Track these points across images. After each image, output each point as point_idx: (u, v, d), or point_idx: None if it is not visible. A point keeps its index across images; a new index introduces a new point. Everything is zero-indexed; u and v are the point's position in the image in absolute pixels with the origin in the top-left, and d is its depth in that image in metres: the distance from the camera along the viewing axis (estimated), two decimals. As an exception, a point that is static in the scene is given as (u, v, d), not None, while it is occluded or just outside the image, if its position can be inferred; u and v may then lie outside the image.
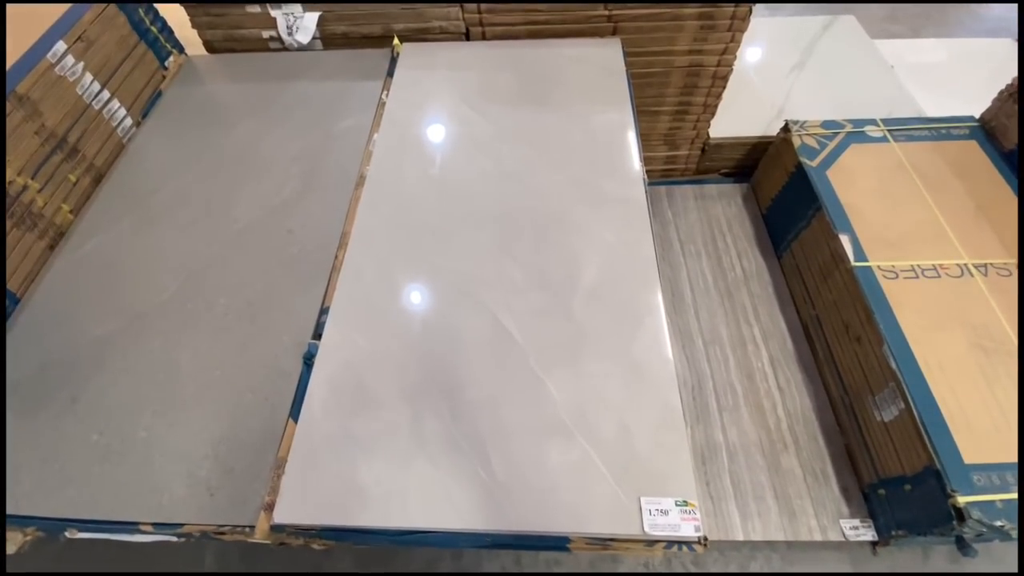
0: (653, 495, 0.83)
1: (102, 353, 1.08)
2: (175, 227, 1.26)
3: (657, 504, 0.83)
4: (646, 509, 0.82)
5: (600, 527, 0.82)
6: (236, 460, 0.93)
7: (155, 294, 1.15)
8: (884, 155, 1.70)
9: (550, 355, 0.97)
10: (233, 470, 0.92)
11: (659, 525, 0.81)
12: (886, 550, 1.38)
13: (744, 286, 1.76)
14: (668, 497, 0.83)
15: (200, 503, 0.90)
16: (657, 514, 0.82)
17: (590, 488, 0.85)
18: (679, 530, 0.81)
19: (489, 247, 1.12)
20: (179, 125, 1.54)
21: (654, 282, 1.03)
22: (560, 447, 0.88)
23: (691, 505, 0.83)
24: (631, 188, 1.16)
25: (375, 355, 1.00)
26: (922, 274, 1.45)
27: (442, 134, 1.33)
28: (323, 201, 1.26)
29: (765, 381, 1.58)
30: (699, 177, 2.02)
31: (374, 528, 0.85)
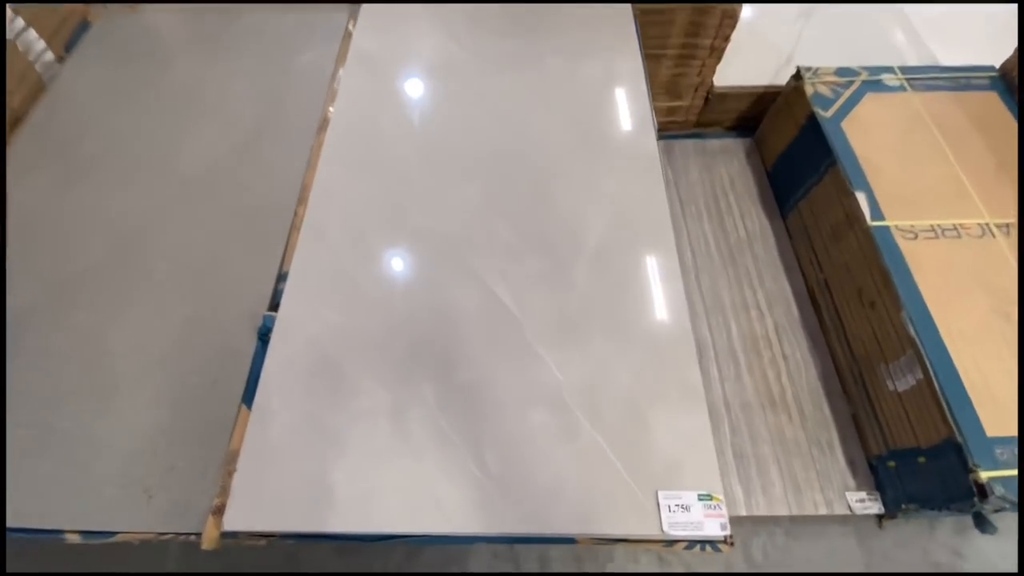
0: (672, 488, 0.71)
1: (17, 330, 0.89)
2: (105, 180, 1.05)
3: (677, 499, 0.70)
4: (664, 505, 0.70)
5: (611, 527, 0.69)
6: (178, 455, 0.77)
7: (81, 259, 0.95)
8: (901, 106, 1.55)
9: (551, 329, 0.82)
10: (175, 467, 0.76)
11: (679, 523, 0.69)
12: (892, 523, 1.31)
13: (747, 249, 1.62)
14: (689, 491, 0.71)
15: (136, 507, 0.74)
16: (677, 510, 0.70)
17: (599, 482, 0.72)
18: (703, 528, 0.68)
19: (477, 203, 0.95)
20: (110, 61, 1.29)
21: (669, 244, 0.88)
22: (564, 435, 0.75)
23: (716, 499, 0.70)
24: (641, 135, 0.99)
25: (344, 330, 0.84)
26: (942, 234, 1.33)
27: (420, 70, 1.12)
28: (279, 149, 1.06)
29: (769, 349, 1.47)
30: (700, 131, 1.85)
31: (347, 533, 0.71)
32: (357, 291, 0.87)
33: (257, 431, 0.77)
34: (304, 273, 0.89)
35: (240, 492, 0.72)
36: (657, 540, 0.69)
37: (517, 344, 0.82)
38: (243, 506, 0.72)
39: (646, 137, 0.99)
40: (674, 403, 0.76)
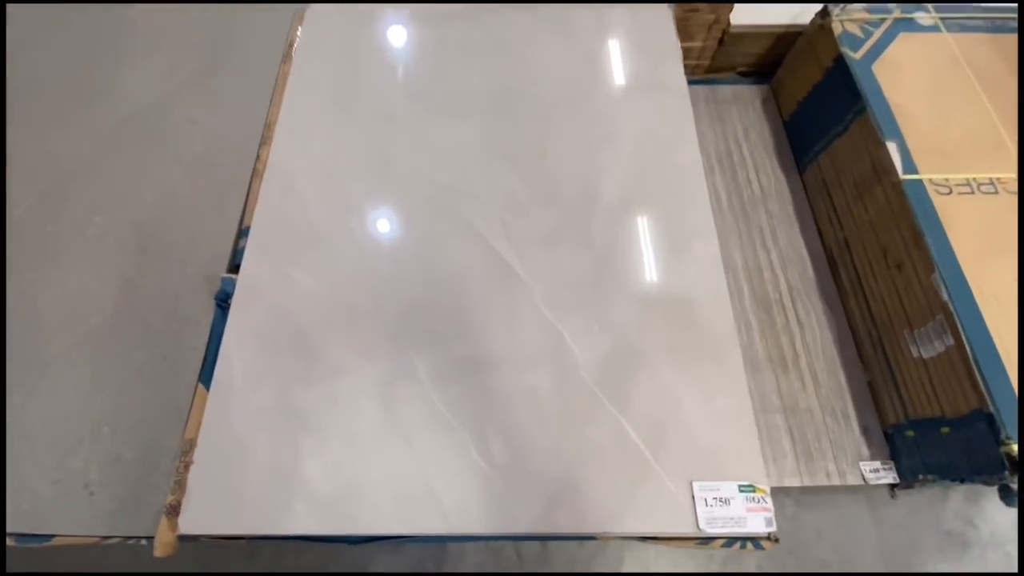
0: (709, 479, 0.60)
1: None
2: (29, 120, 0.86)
3: (715, 491, 0.60)
4: (700, 498, 0.59)
5: (640, 524, 0.59)
6: (125, 445, 0.64)
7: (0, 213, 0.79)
8: (936, 47, 1.40)
9: (564, 294, 0.69)
10: (120, 459, 0.64)
11: (718, 519, 0.58)
12: (904, 493, 1.25)
13: (761, 205, 1.50)
14: (729, 481, 0.60)
15: (75, 506, 0.62)
16: (715, 504, 0.59)
17: (625, 472, 0.61)
18: (745, 524, 0.58)
19: (475, 145, 0.79)
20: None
21: (701, 193, 0.75)
22: (581, 418, 0.63)
23: (760, 491, 0.60)
24: (667, 67, 0.84)
25: (318, 296, 0.70)
26: (978, 189, 1.21)
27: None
28: (237, 80, 0.88)
29: (783, 313, 1.37)
30: (711, 77, 1.68)
31: (327, 535, 0.60)
32: (333, 249, 0.73)
33: (217, 415, 0.63)
34: (269, 228, 0.74)
35: (198, 488, 0.60)
36: (691, 538, 0.59)
37: (524, 312, 0.69)
38: (202, 505, 0.59)
39: (672, 67, 0.83)
40: (710, 379, 0.65)
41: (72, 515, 0.61)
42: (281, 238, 0.73)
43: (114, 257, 0.75)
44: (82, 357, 0.69)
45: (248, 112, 0.84)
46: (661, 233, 0.73)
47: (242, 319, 0.68)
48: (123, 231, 0.77)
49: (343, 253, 0.73)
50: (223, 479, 0.61)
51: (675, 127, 0.79)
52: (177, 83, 0.89)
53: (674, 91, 0.81)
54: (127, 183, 0.80)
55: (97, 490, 0.62)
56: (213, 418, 0.63)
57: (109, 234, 0.76)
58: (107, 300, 0.72)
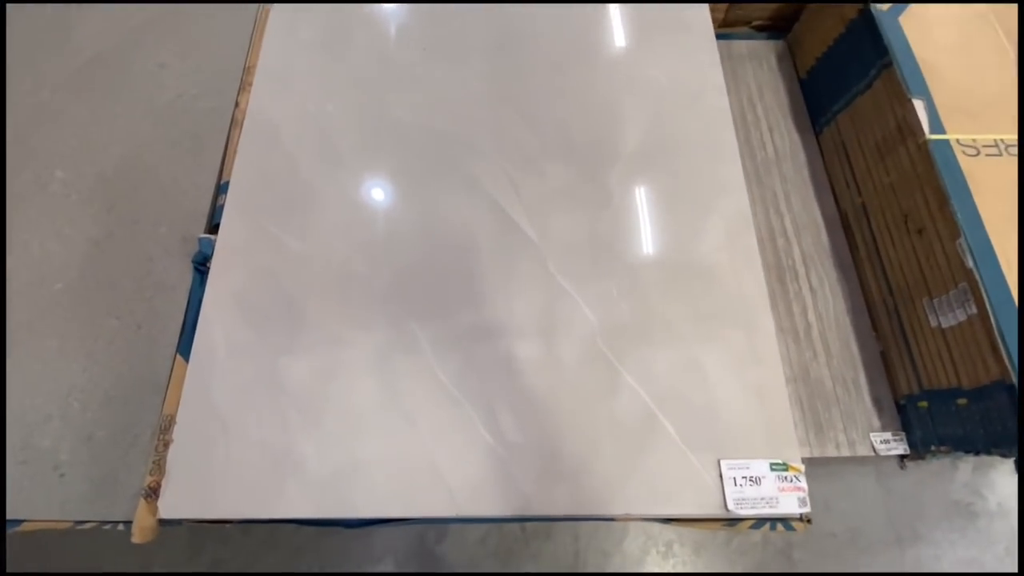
0: (738, 456, 0.55)
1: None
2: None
3: (744, 469, 0.55)
4: (729, 476, 0.54)
5: (663, 505, 0.54)
6: (97, 422, 0.58)
7: (-51, 165, 0.70)
8: (966, 0, 1.30)
9: (579, 257, 0.62)
10: (92, 437, 0.57)
11: (748, 499, 0.53)
12: (913, 464, 1.22)
13: (775, 168, 1.42)
14: (760, 459, 0.55)
15: (45, 488, 0.56)
16: (745, 484, 0.54)
17: (646, 448, 0.55)
18: (777, 505, 0.53)
19: (480, 91, 0.71)
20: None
21: (730, 145, 0.67)
22: (599, 390, 0.57)
23: (793, 469, 0.55)
24: (691, 5, 0.75)
25: (306, 258, 0.62)
26: (1006, 151, 1.14)
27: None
28: (211, 19, 0.78)
29: (795, 281, 1.31)
30: (725, 31, 1.57)
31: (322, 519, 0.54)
32: (322, 207, 0.65)
33: (198, 388, 0.57)
34: (251, 184, 0.66)
35: (179, 469, 0.54)
36: (719, 519, 0.54)
37: (536, 276, 0.62)
38: (184, 487, 0.54)
39: (696, 7, 0.74)
40: (739, 348, 0.58)
41: (42, 499, 0.55)
42: (264, 194, 0.65)
43: (79, 216, 0.66)
44: (47, 326, 0.61)
45: (224, 54, 0.75)
46: (686, 189, 0.65)
47: (223, 284, 0.61)
48: (88, 187, 0.68)
49: (333, 211, 0.65)
50: (206, 459, 0.55)
51: (699, 70, 0.70)
52: (144, 21, 0.79)
53: (699, 32, 0.73)
54: (91, 133, 0.71)
55: (68, 471, 0.56)
56: (194, 392, 0.57)
57: (73, 190, 0.68)
58: (73, 264, 0.64)
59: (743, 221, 0.63)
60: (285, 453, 0.55)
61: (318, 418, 0.56)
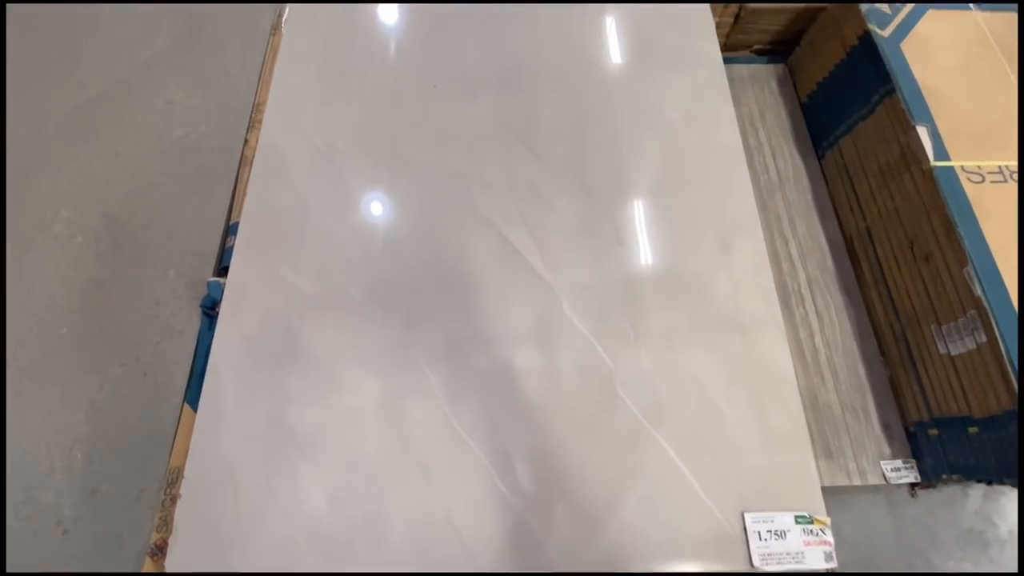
0: (762, 509, 0.54)
1: None
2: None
3: (769, 522, 0.53)
4: (753, 531, 0.53)
5: (686, 561, 0.52)
6: (102, 475, 0.56)
7: (-48, 204, 0.69)
8: (965, 25, 1.31)
9: (594, 299, 0.61)
10: (97, 492, 0.55)
11: (774, 554, 0.52)
12: (924, 492, 1.20)
13: (779, 192, 1.41)
14: (784, 511, 0.54)
15: (48, 545, 0.54)
16: (770, 537, 0.52)
17: (667, 500, 0.54)
18: (803, 560, 0.52)
19: (490, 127, 0.70)
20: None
21: (743, 182, 0.66)
22: (618, 440, 0.56)
23: (819, 522, 0.53)
24: (701, 39, 0.74)
25: (316, 300, 0.61)
26: (1011, 177, 1.14)
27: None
28: (220, 55, 0.77)
29: (802, 306, 1.30)
30: (726, 55, 1.58)
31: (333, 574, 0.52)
32: (332, 247, 0.64)
33: (206, 440, 0.55)
34: (260, 224, 0.64)
35: (187, 525, 0.52)
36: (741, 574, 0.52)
37: (550, 318, 0.60)
38: (191, 543, 0.52)
39: (706, 41, 0.74)
40: (760, 395, 0.57)
41: (44, 556, 0.53)
42: (274, 235, 0.64)
43: (84, 258, 0.65)
44: (51, 373, 0.60)
45: (233, 91, 0.74)
46: (701, 227, 0.64)
47: (231, 328, 0.59)
48: (94, 227, 0.67)
49: (343, 252, 0.64)
50: (215, 514, 0.53)
51: (710, 105, 0.70)
52: (151, 57, 0.78)
53: (709, 66, 0.72)
54: (97, 172, 0.70)
55: (72, 527, 0.54)
56: (201, 443, 0.55)
57: (78, 231, 0.66)
58: (77, 307, 0.63)
59: (759, 261, 0.62)
60: (293, 504, 0.53)
61: (329, 469, 0.54)
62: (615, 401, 0.57)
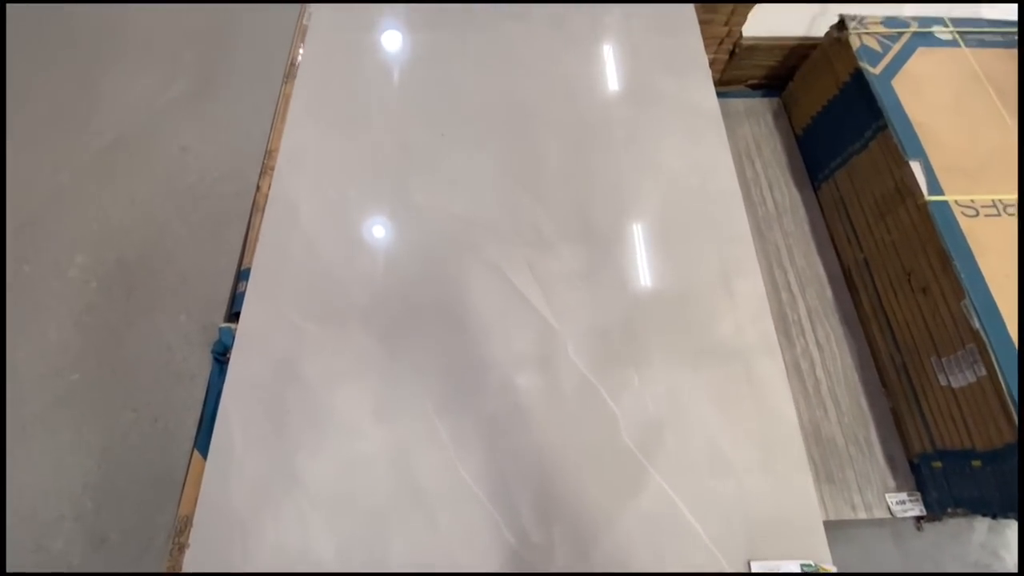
0: (768, 557, 0.54)
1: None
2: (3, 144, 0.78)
3: (774, 570, 0.53)
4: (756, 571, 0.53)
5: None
6: (111, 522, 0.56)
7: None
8: (955, 63, 1.35)
9: (599, 343, 0.62)
10: (106, 540, 0.56)
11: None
12: (930, 524, 1.19)
13: (776, 223, 1.44)
14: (790, 559, 0.54)
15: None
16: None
17: (672, 548, 0.54)
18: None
19: (495, 174, 0.72)
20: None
21: (742, 228, 0.68)
22: (625, 487, 0.56)
23: (824, 570, 0.54)
24: (697, 88, 0.77)
25: (326, 345, 0.62)
26: (1004, 211, 1.16)
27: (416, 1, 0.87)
28: (234, 102, 0.80)
29: (802, 336, 1.31)
30: (722, 89, 1.62)
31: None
32: (341, 293, 0.65)
33: (215, 488, 0.56)
34: (271, 269, 0.66)
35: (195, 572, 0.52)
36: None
37: (556, 364, 0.61)
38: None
39: (703, 89, 0.77)
40: (764, 441, 0.58)
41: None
42: (285, 281, 0.65)
43: (98, 302, 0.66)
44: (62, 419, 0.60)
45: (246, 138, 0.76)
46: (701, 272, 0.66)
47: (242, 375, 0.60)
48: (108, 272, 0.68)
49: (351, 296, 0.65)
50: (223, 563, 0.53)
51: (709, 152, 0.72)
52: (167, 104, 0.81)
53: (706, 114, 0.75)
54: (112, 217, 0.72)
55: (79, 575, 0.54)
56: (211, 492, 0.55)
57: (92, 276, 0.68)
58: (90, 352, 0.64)
59: (760, 305, 0.64)
60: (303, 556, 0.53)
61: (338, 518, 0.54)
62: (622, 449, 0.57)
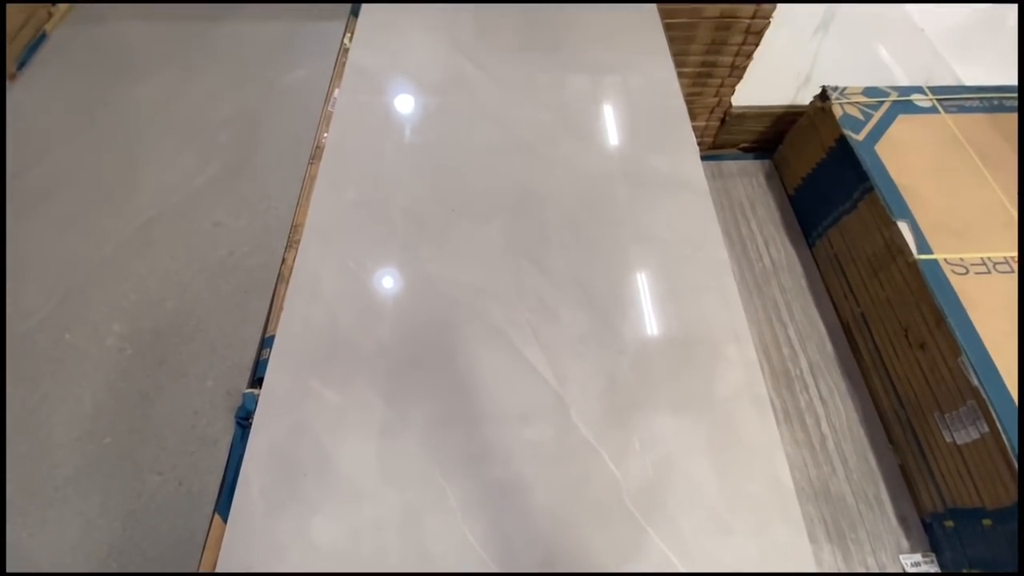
0: (768, 623, 0.55)
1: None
2: (51, 221, 0.85)
3: (776, 640, 0.54)
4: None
5: None
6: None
7: (16, 321, 0.75)
8: (935, 128, 1.43)
9: (601, 407, 0.66)
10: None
11: (784, 675, 0.52)
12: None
13: (774, 279, 1.48)
14: (790, 627, 0.55)
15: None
16: (779, 658, 0.53)
17: (674, 613, 0.55)
18: None
19: (501, 247, 0.78)
20: (68, 77, 1.10)
21: (732, 296, 0.72)
22: (628, 554, 0.58)
23: (826, 639, 0.54)
24: (686, 164, 0.83)
25: (343, 412, 0.66)
26: (994, 268, 1.20)
27: (428, 91, 0.96)
28: (264, 181, 0.88)
29: (806, 392, 1.32)
30: (716, 152, 1.72)
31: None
32: (358, 359, 0.70)
33: (234, 553, 0.58)
34: (294, 337, 0.71)
35: (210, 641, 0.54)
36: None
37: (560, 428, 0.65)
38: (214, 660, 0.53)
39: (691, 165, 0.83)
40: (761, 505, 0.60)
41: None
42: (306, 348, 0.70)
43: (132, 369, 0.71)
44: (93, 482, 0.64)
45: (274, 214, 0.83)
46: (695, 338, 0.70)
47: (263, 441, 0.64)
48: (143, 341, 0.73)
49: (369, 364, 0.70)
50: (238, 629, 0.55)
51: (699, 224, 0.78)
52: (203, 183, 0.89)
53: (696, 190, 0.81)
54: (148, 289, 0.78)
55: (99, 642, 0.56)
56: (230, 556, 0.58)
57: (127, 345, 0.73)
58: (122, 417, 0.68)
59: (752, 370, 0.67)
60: (317, 621, 0.55)
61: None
62: (625, 516, 0.59)
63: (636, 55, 1.00)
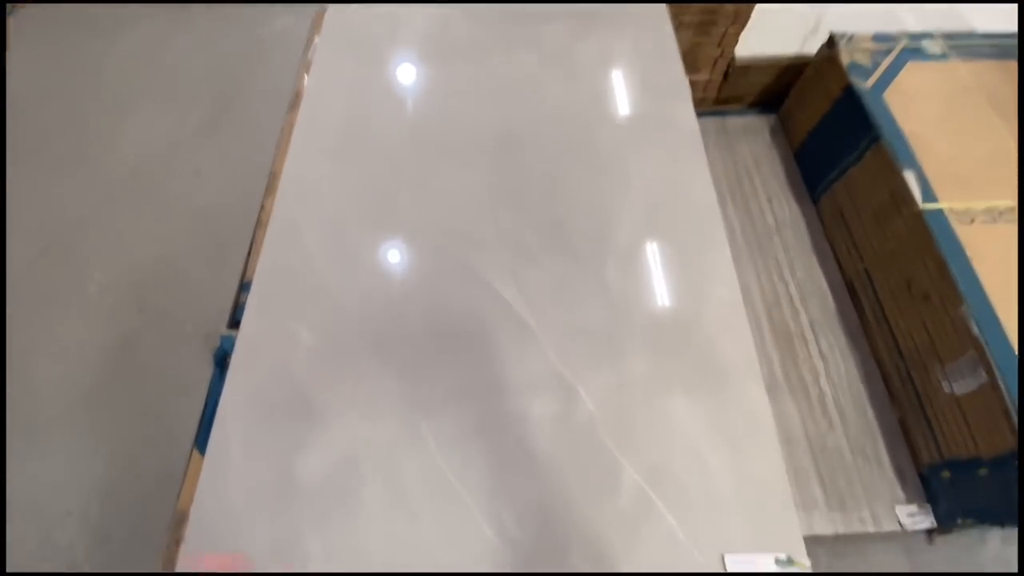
0: (742, 551, 0.54)
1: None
2: (35, 171, 0.85)
3: (749, 564, 0.54)
4: (733, 572, 0.53)
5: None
6: (115, 520, 0.60)
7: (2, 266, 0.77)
8: (946, 75, 1.37)
9: (578, 346, 0.65)
10: (110, 538, 0.59)
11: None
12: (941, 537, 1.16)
13: (776, 236, 1.45)
14: (765, 553, 0.54)
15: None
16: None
17: (647, 542, 0.55)
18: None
19: (483, 192, 0.76)
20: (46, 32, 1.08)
21: (719, 237, 0.70)
22: (602, 484, 0.57)
23: (799, 564, 0.54)
24: (675, 105, 0.80)
25: (320, 353, 0.66)
26: (1000, 218, 1.16)
27: (410, 35, 0.93)
28: (244, 131, 0.86)
29: (805, 347, 1.30)
30: (719, 108, 1.66)
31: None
32: (336, 303, 0.69)
33: (212, 484, 0.59)
34: (272, 281, 0.70)
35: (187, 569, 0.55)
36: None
37: (537, 366, 0.64)
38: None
39: (682, 107, 0.80)
40: (738, 437, 0.59)
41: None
42: (284, 292, 0.70)
43: (112, 314, 0.72)
44: (77, 422, 0.65)
45: (254, 163, 0.82)
46: (679, 280, 0.68)
47: (240, 380, 0.64)
48: (123, 288, 0.74)
49: (346, 307, 0.69)
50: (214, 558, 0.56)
51: (687, 168, 0.75)
52: (184, 134, 0.88)
53: (684, 131, 0.78)
54: (129, 237, 0.78)
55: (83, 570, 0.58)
56: (207, 488, 0.59)
57: (109, 291, 0.73)
58: (104, 361, 0.68)
59: (736, 311, 0.65)
60: (295, 549, 0.56)
61: (327, 516, 0.57)
62: (600, 448, 0.59)
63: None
